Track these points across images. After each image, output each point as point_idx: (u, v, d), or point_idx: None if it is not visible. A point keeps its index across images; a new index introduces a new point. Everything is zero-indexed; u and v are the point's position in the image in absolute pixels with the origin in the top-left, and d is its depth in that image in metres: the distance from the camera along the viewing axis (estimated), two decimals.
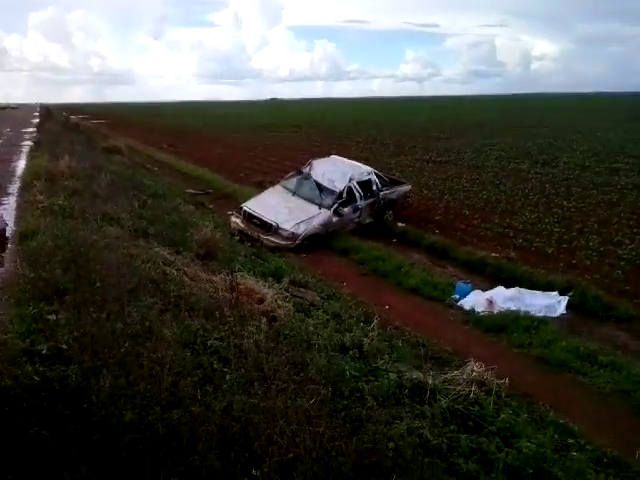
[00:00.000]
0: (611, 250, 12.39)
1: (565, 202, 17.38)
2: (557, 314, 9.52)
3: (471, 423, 5.06)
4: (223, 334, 4.53)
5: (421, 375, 5.65)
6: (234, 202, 18.35)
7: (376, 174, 15.58)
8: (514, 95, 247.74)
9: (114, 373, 3.47)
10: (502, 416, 5.13)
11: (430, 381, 5.39)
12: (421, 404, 5.11)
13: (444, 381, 5.72)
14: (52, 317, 4.20)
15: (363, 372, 5.41)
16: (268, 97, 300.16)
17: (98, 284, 4.75)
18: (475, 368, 5.83)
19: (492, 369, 5.92)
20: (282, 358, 4.62)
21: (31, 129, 37.53)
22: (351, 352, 5.90)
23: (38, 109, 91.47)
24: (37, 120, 51.98)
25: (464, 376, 5.79)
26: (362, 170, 15.37)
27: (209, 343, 4.22)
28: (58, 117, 57.71)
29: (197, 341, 4.29)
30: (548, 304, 9.67)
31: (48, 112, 71.01)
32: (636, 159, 25.28)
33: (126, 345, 3.77)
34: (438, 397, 5.28)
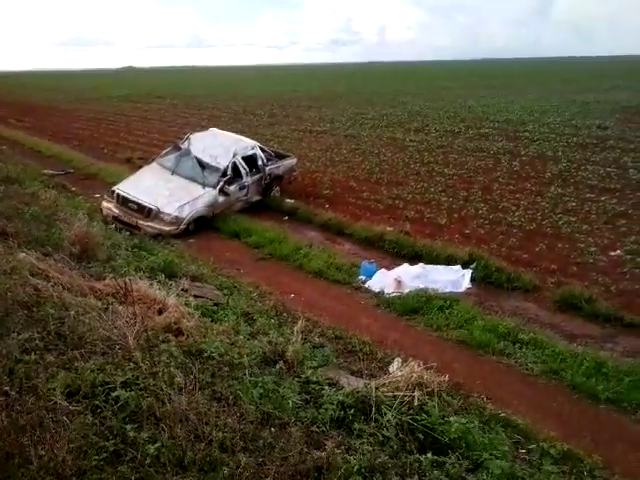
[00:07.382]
0: (500, 217, 12.57)
1: (446, 169, 17.61)
2: (463, 289, 9.39)
3: (421, 435, 4.48)
4: (130, 376, 3.46)
5: (360, 384, 4.99)
6: (101, 183, 16.55)
7: (260, 148, 14.63)
8: (372, 63, 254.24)
9: None
10: (454, 425, 4.58)
11: (373, 393, 4.73)
12: (367, 422, 4.47)
13: (383, 385, 5.11)
14: None
15: (296, 391, 4.61)
16: (124, 65, 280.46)
17: None
18: (415, 369, 5.26)
19: (432, 367, 5.38)
20: (206, 395, 3.68)
21: None
22: (277, 366, 5.06)
23: None
24: None
25: (403, 378, 5.22)
26: (246, 144, 14.32)
27: (114, 395, 3.14)
28: None
29: (97, 392, 3.21)
30: (453, 279, 9.51)
31: None
32: (500, 124, 26.54)
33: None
34: (384, 410, 4.65)
